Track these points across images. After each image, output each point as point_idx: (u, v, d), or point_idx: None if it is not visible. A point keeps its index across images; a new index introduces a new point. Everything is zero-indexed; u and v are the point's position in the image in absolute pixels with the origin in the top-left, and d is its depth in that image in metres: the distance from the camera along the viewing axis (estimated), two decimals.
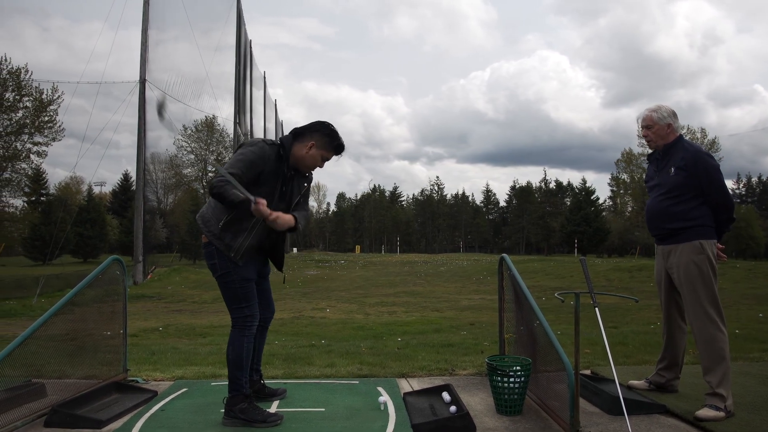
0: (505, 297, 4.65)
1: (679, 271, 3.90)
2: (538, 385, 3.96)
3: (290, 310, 14.10)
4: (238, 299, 3.71)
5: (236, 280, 3.67)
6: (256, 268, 3.83)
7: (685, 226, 3.88)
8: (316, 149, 3.77)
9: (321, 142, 3.78)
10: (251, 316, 3.74)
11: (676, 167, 3.91)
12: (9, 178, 39.35)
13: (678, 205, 3.90)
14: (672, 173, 3.93)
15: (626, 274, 21.99)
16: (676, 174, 3.90)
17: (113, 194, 69.57)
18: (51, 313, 3.79)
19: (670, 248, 3.99)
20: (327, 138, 3.80)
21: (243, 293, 3.71)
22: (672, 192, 3.92)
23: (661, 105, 4.08)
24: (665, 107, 4.06)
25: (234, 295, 3.71)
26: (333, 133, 3.81)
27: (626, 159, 71.90)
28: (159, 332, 9.41)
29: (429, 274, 29.06)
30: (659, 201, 4.01)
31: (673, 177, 3.91)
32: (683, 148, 3.95)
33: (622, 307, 12.63)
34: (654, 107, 4.07)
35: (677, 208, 3.91)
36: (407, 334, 8.31)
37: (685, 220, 3.88)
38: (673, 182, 3.91)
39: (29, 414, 3.65)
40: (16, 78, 36.76)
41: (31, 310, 14.30)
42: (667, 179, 3.96)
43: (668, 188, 3.94)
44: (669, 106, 4.05)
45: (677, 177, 3.89)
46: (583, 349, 5.65)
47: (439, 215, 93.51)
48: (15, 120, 37.41)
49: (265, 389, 4.18)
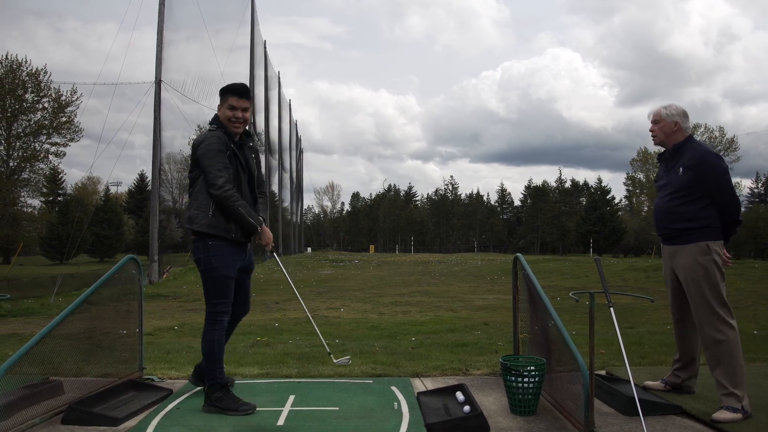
0: (520, 297, 4.63)
1: (686, 272, 3.88)
2: (552, 386, 3.94)
3: (299, 309, 14.10)
4: (215, 294, 3.97)
5: (218, 276, 3.93)
6: (238, 266, 4.06)
7: (692, 226, 3.85)
8: (219, 106, 4.08)
9: (221, 99, 4.08)
10: (224, 312, 3.99)
11: (684, 167, 3.88)
12: (27, 178, 39.87)
13: (685, 206, 3.87)
14: (680, 173, 3.90)
15: (642, 274, 21.78)
16: (684, 174, 3.87)
17: (129, 194, 70.21)
18: (68, 311, 3.83)
19: (675, 249, 3.96)
20: (220, 95, 4.09)
21: (221, 289, 3.96)
22: (679, 192, 3.90)
23: (674, 103, 4.06)
24: (676, 105, 4.03)
25: (213, 290, 3.97)
26: (223, 87, 4.11)
27: (642, 158, 71.37)
28: (174, 331, 9.47)
29: (443, 273, 29.00)
30: (667, 201, 3.98)
31: (681, 177, 3.89)
32: (692, 149, 3.92)
33: (637, 307, 12.52)
34: (666, 104, 4.06)
35: (684, 208, 3.88)
36: (421, 334, 8.29)
37: (691, 220, 3.85)
38: (681, 182, 3.88)
39: (47, 411, 3.69)
40: (35, 79, 37.26)
41: (49, 309, 14.43)
42: (674, 179, 3.94)
43: (676, 188, 3.92)
44: (681, 106, 4.02)
45: (685, 177, 3.87)
46: (598, 349, 5.61)
47: (453, 215, 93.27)
48: (34, 121, 37.92)
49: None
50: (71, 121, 39.03)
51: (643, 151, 71.04)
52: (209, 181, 3.84)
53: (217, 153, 3.87)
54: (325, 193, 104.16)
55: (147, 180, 60.79)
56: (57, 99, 38.10)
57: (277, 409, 3.96)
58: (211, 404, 3.88)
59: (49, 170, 44.62)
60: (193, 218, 3.93)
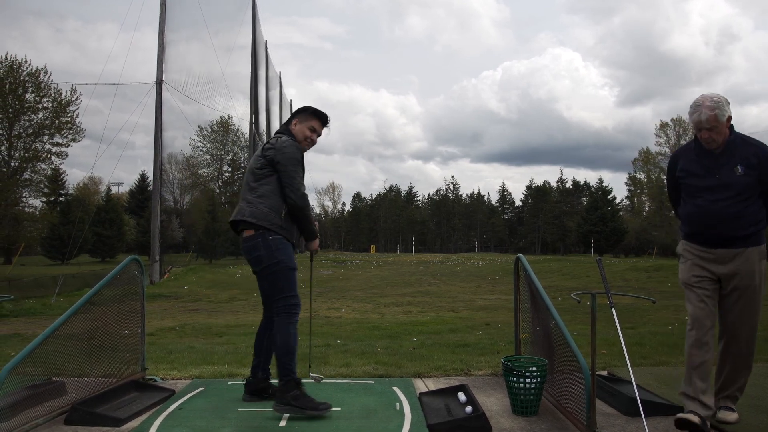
0: (521, 297, 4.64)
1: (744, 277, 3.47)
2: (554, 386, 3.94)
3: (305, 309, 14.10)
4: (287, 287, 3.97)
5: (284, 269, 3.95)
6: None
7: (758, 229, 3.49)
8: (300, 124, 4.24)
9: (302, 117, 4.26)
10: (297, 304, 4.00)
11: (746, 165, 3.43)
12: (29, 178, 39.88)
13: (749, 208, 3.45)
14: (740, 172, 3.43)
15: (643, 275, 21.78)
16: (746, 174, 3.43)
17: (130, 194, 70.18)
18: (71, 312, 3.84)
19: (736, 252, 3.48)
20: (305, 112, 4.28)
21: (291, 281, 3.98)
22: (743, 194, 3.43)
23: (716, 96, 3.47)
24: (722, 98, 3.47)
25: (283, 284, 3.97)
26: (310, 107, 4.30)
27: (644, 158, 71.28)
28: (176, 331, 9.49)
29: (444, 273, 29.01)
30: (727, 205, 3.45)
31: (743, 177, 3.42)
32: (745, 142, 3.49)
33: (639, 308, 12.52)
34: (712, 102, 3.43)
35: (749, 210, 3.46)
36: (422, 334, 8.30)
37: (758, 223, 3.49)
38: (744, 183, 3.43)
39: (50, 411, 3.70)
40: (35, 79, 37.26)
41: (50, 309, 14.46)
42: (733, 179, 3.44)
43: (738, 190, 3.43)
44: (722, 95, 3.48)
45: (747, 177, 3.43)
46: (600, 349, 5.61)
47: (454, 215, 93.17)
48: (35, 121, 37.94)
49: (269, 389, 4.21)
50: (72, 121, 39.06)
51: (644, 151, 71.01)
52: (292, 186, 3.95)
53: (299, 163, 4.05)
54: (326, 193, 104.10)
55: (148, 180, 60.81)
56: (57, 99, 38.13)
57: None
58: (286, 403, 3.78)
59: (51, 170, 44.65)
60: (262, 216, 3.93)
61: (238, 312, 13.51)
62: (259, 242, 3.92)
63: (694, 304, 3.52)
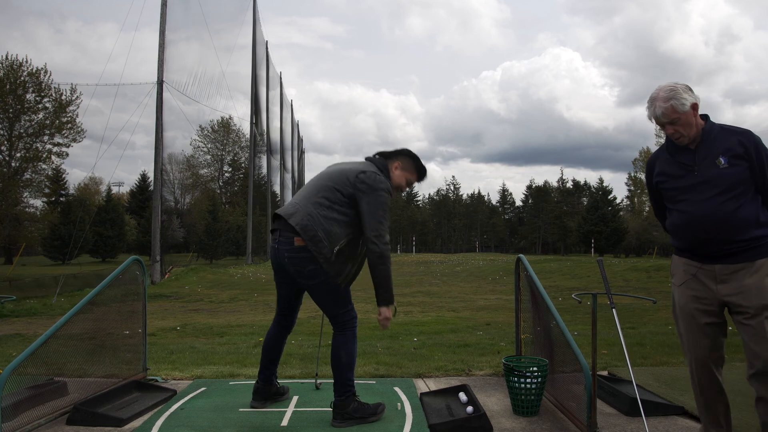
0: (522, 297, 4.65)
1: (754, 297, 2.81)
2: (555, 386, 3.95)
3: (306, 309, 14.13)
4: (342, 302, 3.73)
5: (335, 283, 3.65)
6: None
7: (765, 234, 2.88)
8: (401, 170, 3.92)
9: (406, 164, 3.94)
10: (355, 317, 3.81)
11: (731, 155, 2.89)
12: (30, 178, 39.90)
13: (744, 207, 2.86)
14: (723, 164, 2.88)
15: (644, 275, 21.77)
16: (732, 165, 2.88)
17: (131, 194, 70.20)
18: (73, 312, 3.85)
19: (739, 267, 2.87)
20: (411, 160, 3.94)
21: (344, 295, 3.73)
22: (732, 190, 2.86)
23: (671, 86, 2.97)
24: (678, 86, 2.96)
25: (338, 299, 3.70)
26: (417, 158, 3.96)
27: (644, 158, 71.26)
28: (177, 331, 9.48)
29: (445, 273, 29.00)
30: (715, 204, 2.88)
31: (728, 170, 2.87)
32: (726, 131, 2.97)
33: (639, 308, 12.52)
34: (666, 93, 2.94)
35: (744, 210, 2.86)
36: (423, 334, 8.30)
37: (758, 225, 2.88)
38: (732, 177, 2.87)
39: (52, 412, 3.71)
40: (35, 79, 37.28)
41: (51, 309, 14.45)
42: (718, 173, 2.89)
43: (725, 186, 2.87)
44: (678, 83, 2.98)
45: (734, 169, 2.87)
46: (600, 350, 5.62)
47: (455, 215, 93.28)
48: (36, 121, 37.96)
49: (280, 390, 4.22)
50: (73, 121, 39.09)
51: (645, 150, 71.05)
52: (377, 231, 3.55)
53: (388, 207, 3.67)
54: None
55: (149, 180, 60.89)
56: (58, 99, 38.15)
57: (280, 409, 3.98)
58: (349, 417, 3.63)
59: (52, 171, 44.66)
60: (316, 238, 3.51)
61: (238, 312, 13.50)
62: (311, 256, 3.53)
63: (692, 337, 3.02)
